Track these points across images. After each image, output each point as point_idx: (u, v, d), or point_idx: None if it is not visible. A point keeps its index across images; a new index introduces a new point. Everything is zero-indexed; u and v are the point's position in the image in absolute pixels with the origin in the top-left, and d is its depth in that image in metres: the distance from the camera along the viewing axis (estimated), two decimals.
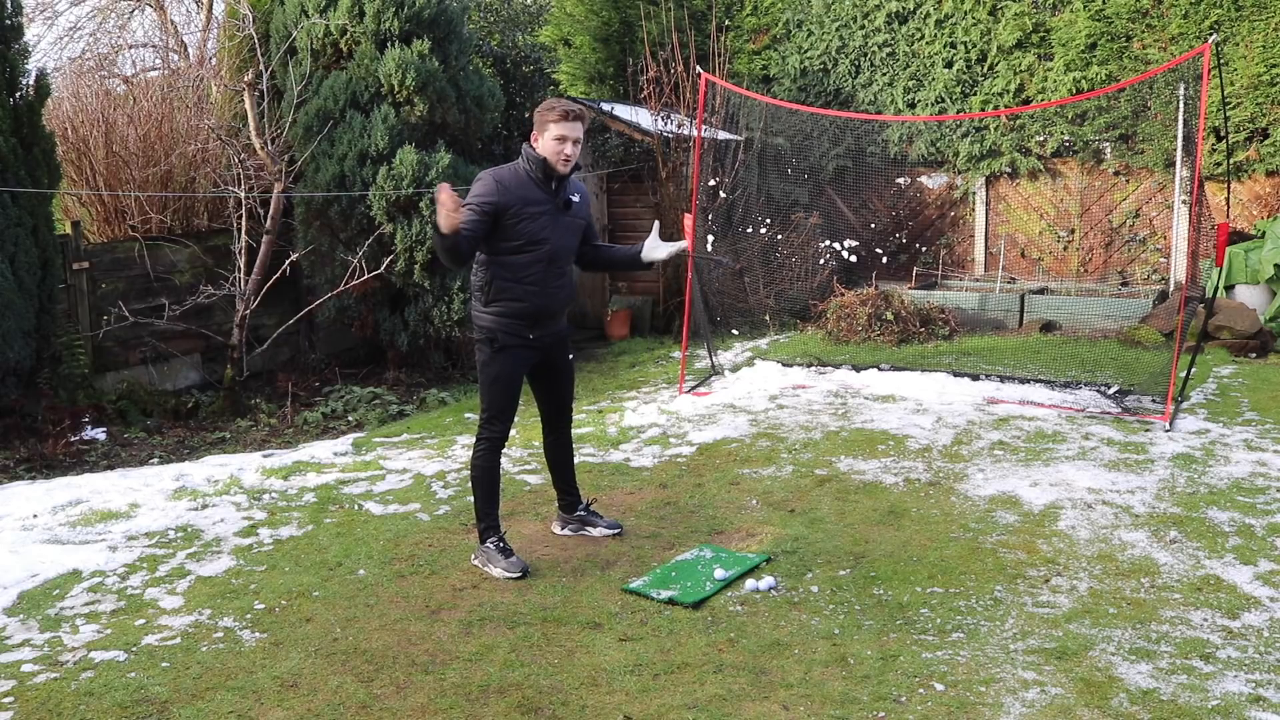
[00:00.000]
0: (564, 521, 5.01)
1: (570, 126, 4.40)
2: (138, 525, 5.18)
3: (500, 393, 4.55)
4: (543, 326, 4.56)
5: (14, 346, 6.80)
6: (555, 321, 4.64)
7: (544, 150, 4.41)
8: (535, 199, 4.41)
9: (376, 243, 8.58)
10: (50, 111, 8.08)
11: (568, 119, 4.39)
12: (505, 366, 4.52)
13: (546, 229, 4.43)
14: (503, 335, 4.47)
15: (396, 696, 3.51)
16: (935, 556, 4.63)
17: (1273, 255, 9.56)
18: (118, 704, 3.48)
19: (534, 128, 4.46)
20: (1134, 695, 3.45)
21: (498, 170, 4.46)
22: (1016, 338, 9.84)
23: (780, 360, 8.83)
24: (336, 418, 7.90)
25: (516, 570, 4.47)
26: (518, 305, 4.45)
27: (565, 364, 4.80)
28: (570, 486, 5.01)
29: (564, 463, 4.98)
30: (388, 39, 8.81)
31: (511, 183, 4.39)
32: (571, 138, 4.39)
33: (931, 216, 12.38)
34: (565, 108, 4.42)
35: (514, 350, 4.51)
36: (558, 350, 4.71)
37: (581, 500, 5.04)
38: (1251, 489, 5.47)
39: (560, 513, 5.04)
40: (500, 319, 4.46)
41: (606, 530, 4.96)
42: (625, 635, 3.92)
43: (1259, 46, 10.14)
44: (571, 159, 4.43)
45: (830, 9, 12.38)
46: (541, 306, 4.50)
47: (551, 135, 4.38)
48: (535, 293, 4.46)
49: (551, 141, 4.39)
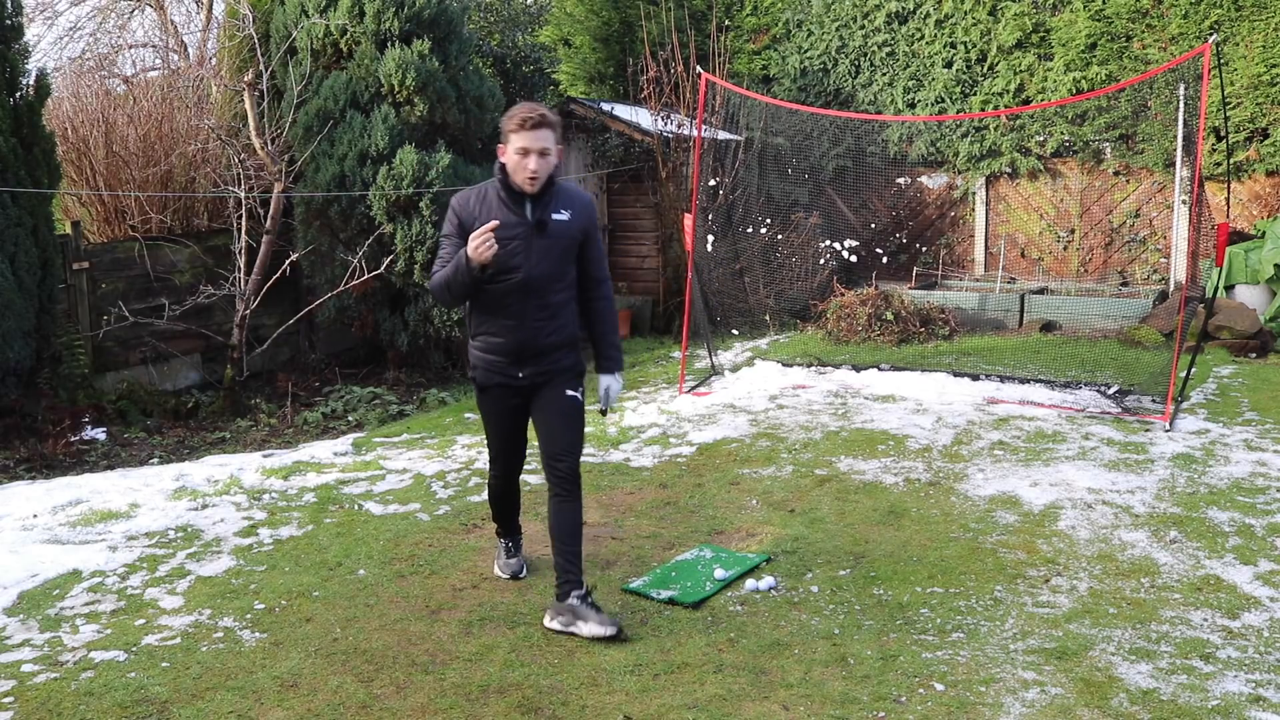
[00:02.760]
0: (554, 612, 3.96)
1: (533, 136, 3.72)
2: (138, 525, 5.18)
3: (492, 435, 4.14)
4: (531, 364, 3.95)
5: (14, 346, 6.79)
6: (548, 358, 3.96)
7: (507, 162, 3.80)
8: (504, 221, 3.77)
9: (376, 243, 8.58)
10: (50, 111, 8.08)
11: (526, 127, 3.72)
12: (490, 408, 4.08)
13: (519, 254, 3.80)
14: (483, 373, 4.01)
15: (396, 696, 3.51)
16: (935, 556, 4.63)
17: (1273, 255, 9.56)
18: (118, 704, 3.48)
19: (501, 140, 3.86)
20: (1134, 695, 3.45)
21: (464, 194, 3.93)
22: (1016, 338, 9.84)
23: (780, 360, 8.83)
24: (336, 418, 7.90)
25: (507, 573, 4.43)
26: (496, 341, 3.95)
27: (560, 401, 3.97)
28: (569, 564, 3.95)
29: (561, 530, 3.96)
30: (388, 39, 8.81)
31: (477, 206, 3.85)
32: (536, 149, 3.73)
33: (931, 216, 12.38)
34: (525, 114, 3.73)
35: (495, 390, 4.01)
36: (553, 385, 3.98)
37: (582, 584, 3.96)
38: (1251, 489, 5.47)
39: (553, 600, 4.01)
40: (483, 355, 4.00)
41: (599, 629, 3.84)
42: (625, 635, 3.92)
43: (1259, 46, 10.14)
44: (540, 175, 3.77)
45: (830, 9, 12.38)
46: (523, 342, 3.91)
47: (513, 147, 3.76)
48: (513, 327, 3.90)
49: (513, 155, 3.77)
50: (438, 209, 8.47)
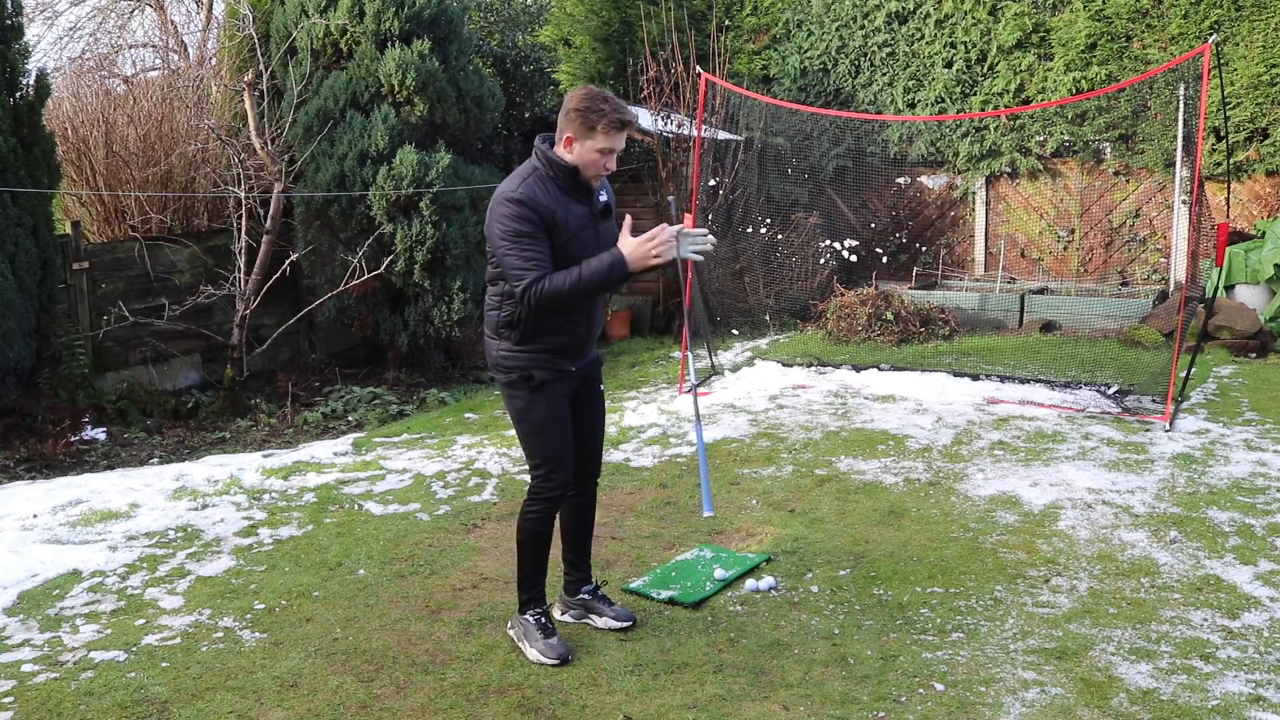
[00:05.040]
0: (565, 605, 4.09)
1: (621, 137, 3.63)
2: (138, 525, 5.18)
3: (553, 439, 3.75)
4: (584, 355, 3.85)
5: (14, 346, 6.80)
6: (592, 347, 3.92)
7: (579, 158, 3.62)
8: (576, 212, 3.66)
9: (376, 243, 8.58)
10: (50, 111, 8.08)
11: (617, 129, 3.59)
12: (550, 405, 3.73)
13: (591, 245, 3.65)
14: (539, 371, 3.70)
15: (396, 696, 3.51)
16: (935, 556, 4.63)
17: (1273, 255, 9.56)
18: (118, 704, 3.48)
19: (565, 128, 3.61)
20: (1134, 695, 3.45)
21: (524, 187, 3.57)
22: (1016, 338, 9.84)
23: (780, 360, 8.83)
24: (336, 418, 7.90)
25: (553, 657, 3.72)
26: (561, 339, 3.71)
27: (598, 396, 3.99)
28: (582, 560, 4.08)
29: (582, 529, 4.04)
30: (388, 39, 8.81)
31: (547, 200, 3.58)
32: (618, 150, 3.66)
33: (931, 216, 12.38)
34: (620, 115, 3.58)
35: (553, 385, 3.74)
36: (593, 379, 3.95)
37: (592, 580, 4.11)
38: (1251, 489, 5.47)
39: (562, 593, 4.11)
40: (537, 354, 3.70)
41: (614, 622, 3.99)
42: (625, 635, 3.92)
43: (1259, 46, 10.14)
44: (609, 171, 3.72)
45: (830, 9, 12.38)
46: (586, 336, 3.80)
47: (596, 146, 3.59)
48: (581, 321, 3.74)
49: (594, 154, 3.60)
50: (438, 209, 8.47)
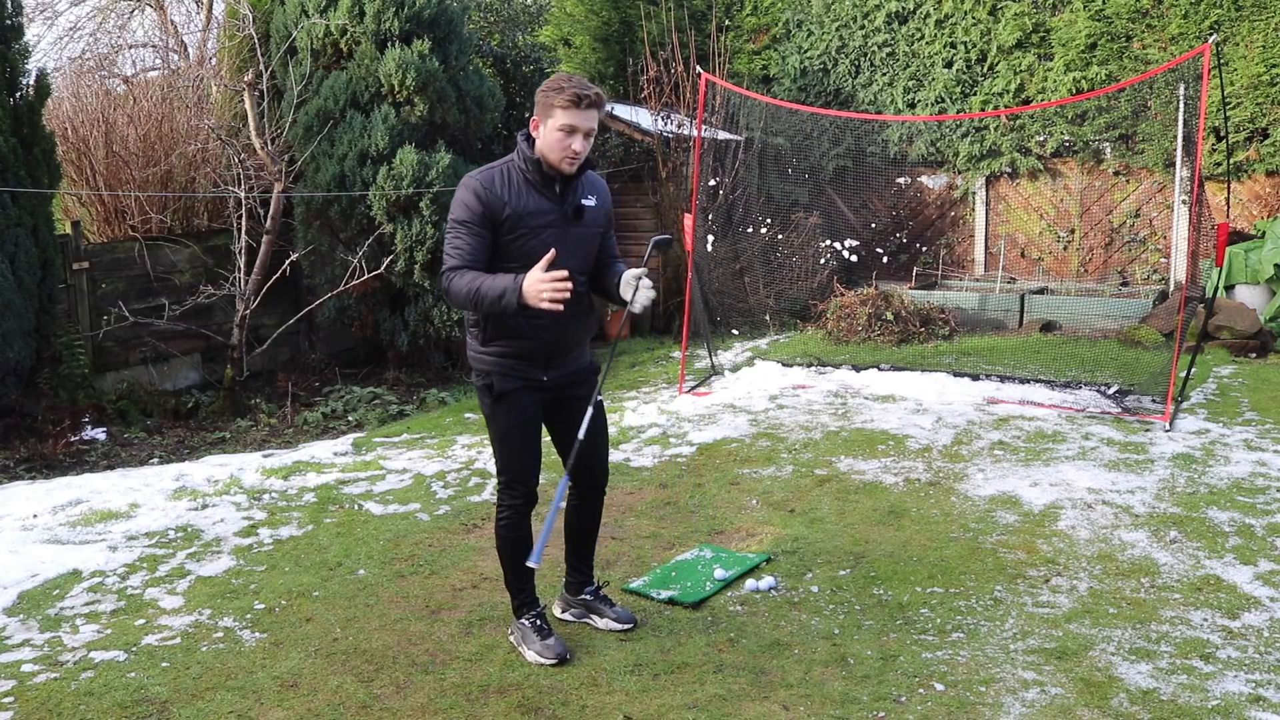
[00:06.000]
0: (566, 604, 4.06)
1: (586, 115, 3.41)
2: (138, 525, 5.18)
3: (514, 451, 3.61)
4: (557, 365, 3.63)
5: (14, 346, 6.80)
6: (573, 357, 3.68)
7: (543, 141, 3.44)
8: (537, 208, 3.47)
9: (376, 243, 8.59)
10: (50, 111, 8.08)
11: (579, 105, 3.39)
12: (513, 416, 3.58)
13: (554, 244, 3.41)
14: (500, 379, 3.54)
15: (396, 696, 3.51)
16: (935, 556, 4.63)
17: (1273, 255, 9.56)
18: (118, 704, 3.48)
19: (535, 113, 3.48)
20: (1134, 695, 3.45)
21: (484, 173, 3.48)
22: (1016, 338, 9.84)
23: (780, 360, 8.83)
24: (336, 418, 7.90)
25: (551, 656, 3.68)
26: (524, 344, 3.53)
27: (602, 419, 3.79)
28: (584, 563, 4.03)
29: (586, 533, 3.98)
30: (388, 39, 8.81)
31: (504, 190, 3.44)
32: (583, 129, 3.42)
33: (931, 216, 12.38)
34: (578, 89, 3.39)
35: (517, 394, 3.57)
36: (578, 391, 3.69)
37: (593, 581, 4.06)
38: (1251, 489, 5.47)
39: (563, 592, 4.09)
40: (500, 359, 3.55)
41: (615, 624, 3.95)
42: (625, 635, 3.92)
43: (1259, 46, 10.14)
44: (580, 156, 3.46)
45: (830, 9, 12.38)
46: (553, 342, 3.57)
47: (557, 124, 3.40)
48: (545, 327, 3.50)
49: (555, 133, 3.41)
50: (438, 209, 8.47)
